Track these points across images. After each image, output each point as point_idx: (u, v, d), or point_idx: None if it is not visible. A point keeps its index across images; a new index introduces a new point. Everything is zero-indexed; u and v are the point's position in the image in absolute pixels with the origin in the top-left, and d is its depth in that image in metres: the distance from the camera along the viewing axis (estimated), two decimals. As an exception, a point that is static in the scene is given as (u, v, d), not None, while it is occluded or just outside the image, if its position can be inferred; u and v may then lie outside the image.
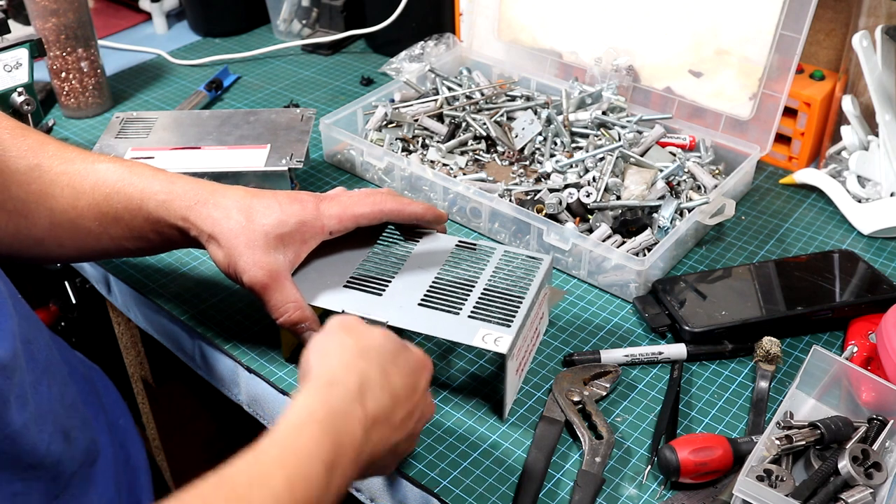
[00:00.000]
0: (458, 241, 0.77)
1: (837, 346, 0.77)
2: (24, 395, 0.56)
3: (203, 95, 1.18)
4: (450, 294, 0.71)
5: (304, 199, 0.69)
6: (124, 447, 0.73)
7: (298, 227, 0.68)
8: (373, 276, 0.73)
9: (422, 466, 0.67)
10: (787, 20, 0.92)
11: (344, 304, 0.70)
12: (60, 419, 0.61)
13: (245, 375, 0.77)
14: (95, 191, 0.70)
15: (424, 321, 0.68)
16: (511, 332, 0.67)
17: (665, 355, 0.75)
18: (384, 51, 1.31)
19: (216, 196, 0.68)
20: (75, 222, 0.71)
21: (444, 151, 0.99)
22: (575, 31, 1.08)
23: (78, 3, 1.09)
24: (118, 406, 0.77)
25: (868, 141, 0.95)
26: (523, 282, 0.72)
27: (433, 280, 0.73)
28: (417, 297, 0.71)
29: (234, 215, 0.67)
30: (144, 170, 0.71)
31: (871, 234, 0.91)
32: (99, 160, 0.72)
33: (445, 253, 0.76)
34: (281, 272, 0.67)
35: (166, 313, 0.83)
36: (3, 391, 0.53)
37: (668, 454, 0.64)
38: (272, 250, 0.67)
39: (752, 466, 0.61)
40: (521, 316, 0.68)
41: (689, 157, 0.96)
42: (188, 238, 0.70)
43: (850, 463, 0.61)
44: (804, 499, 0.60)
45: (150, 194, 0.69)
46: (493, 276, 0.73)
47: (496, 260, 0.75)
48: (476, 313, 0.69)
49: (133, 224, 0.70)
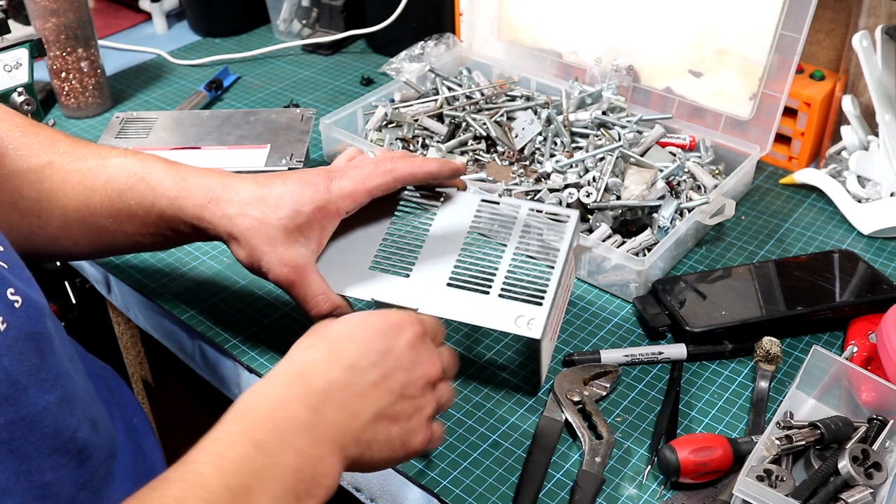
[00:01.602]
0: (480, 199, 0.74)
1: (837, 346, 0.77)
2: (50, 378, 0.54)
3: (203, 95, 1.18)
4: (478, 270, 0.69)
5: (315, 181, 0.68)
6: (140, 446, 0.73)
7: (315, 215, 0.67)
8: (397, 254, 0.71)
9: (422, 466, 0.67)
10: (787, 20, 0.92)
11: (373, 291, 0.69)
12: (89, 407, 0.60)
13: (245, 375, 0.77)
14: (108, 188, 0.69)
15: (455, 306, 0.67)
16: (543, 312, 0.66)
17: (665, 355, 0.75)
18: (384, 51, 1.31)
19: (228, 191, 0.67)
20: (89, 220, 0.70)
21: (444, 151, 0.99)
22: (575, 31, 1.08)
23: (78, 3, 1.09)
24: (132, 405, 0.77)
25: (868, 141, 0.95)
26: (552, 247, 0.70)
27: (459, 252, 0.71)
28: (445, 275, 0.69)
29: (249, 211, 0.66)
30: (156, 164, 0.70)
31: (871, 234, 0.91)
32: (111, 155, 0.71)
33: (469, 216, 0.73)
34: (306, 265, 0.67)
35: (166, 313, 0.83)
36: (20, 369, 0.52)
37: (668, 454, 0.64)
38: (293, 244, 0.66)
39: (752, 466, 0.61)
40: (552, 289, 0.67)
41: (689, 157, 0.96)
42: (206, 236, 0.69)
43: (850, 463, 0.61)
44: (804, 499, 0.60)
45: (162, 191, 0.68)
46: (521, 241, 0.71)
47: (521, 221, 0.72)
48: (506, 290, 0.67)
49: (148, 220, 0.69)
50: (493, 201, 0.74)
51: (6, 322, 0.50)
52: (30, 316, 0.52)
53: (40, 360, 0.53)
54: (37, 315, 0.53)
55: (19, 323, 0.52)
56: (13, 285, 0.52)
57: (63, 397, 0.56)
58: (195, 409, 1.28)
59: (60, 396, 0.55)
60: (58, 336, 0.57)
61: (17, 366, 0.51)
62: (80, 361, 0.65)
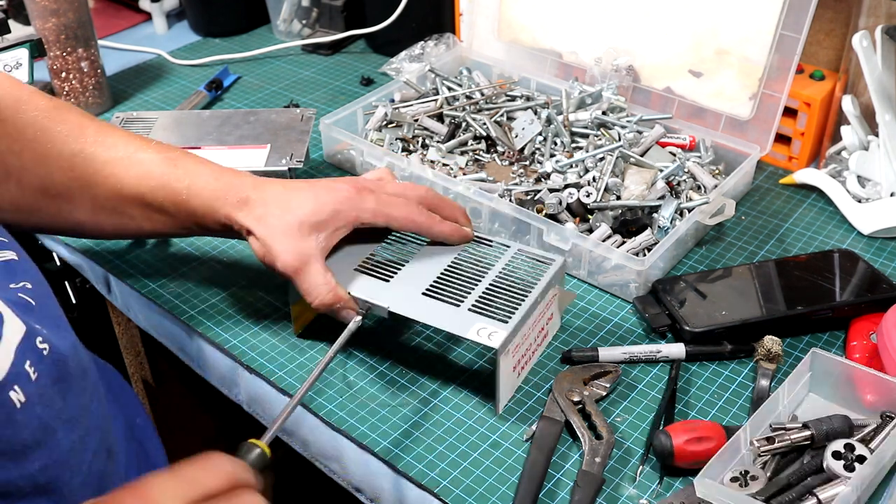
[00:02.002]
0: (474, 235, 0.78)
1: (838, 345, 0.77)
2: (73, 418, 0.55)
3: (203, 95, 1.18)
4: (455, 287, 0.72)
5: (340, 189, 0.71)
6: (143, 445, 0.74)
7: (333, 215, 0.70)
8: (384, 262, 0.74)
9: (422, 466, 0.67)
10: (787, 20, 0.92)
11: (350, 287, 0.71)
12: (105, 437, 0.61)
13: (245, 375, 0.77)
14: (140, 183, 0.72)
15: (424, 310, 0.69)
16: (507, 329, 0.67)
17: (664, 354, 0.75)
18: (384, 51, 1.31)
19: (257, 192, 0.71)
20: (118, 209, 0.73)
21: (444, 151, 0.99)
22: (575, 31, 1.08)
23: (78, 3, 1.09)
24: (134, 405, 0.78)
25: (868, 141, 0.95)
26: (530, 280, 0.73)
27: (442, 271, 0.74)
28: (423, 286, 0.72)
29: (273, 210, 0.70)
30: (189, 163, 0.73)
31: (871, 234, 0.91)
32: (141, 148, 0.73)
33: (460, 246, 0.77)
34: (312, 256, 0.69)
35: (166, 313, 0.83)
36: (49, 414, 0.53)
37: (663, 439, 0.64)
38: (305, 236, 0.69)
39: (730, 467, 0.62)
40: (520, 314, 0.69)
41: (689, 157, 0.96)
42: (232, 233, 0.72)
43: (830, 457, 0.61)
44: (768, 496, 0.60)
45: (197, 191, 0.71)
46: (502, 272, 0.74)
47: (507, 257, 0.76)
48: (476, 307, 0.69)
49: (178, 216, 0.72)
50: (486, 240, 0.77)
51: (37, 371, 0.52)
52: (55, 361, 0.54)
53: (63, 401, 0.55)
54: (61, 360, 0.54)
55: (48, 370, 0.53)
56: (40, 334, 0.53)
57: (83, 435, 0.57)
58: (195, 409, 1.28)
59: (81, 434, 0.57)
60: (77, 364, 0.57)
61: (47, 412, 0.53)
62: (101, 381, 0.65)
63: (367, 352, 0.77)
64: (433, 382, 0.74)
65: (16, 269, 0.56)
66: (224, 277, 0.86)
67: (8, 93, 0.72)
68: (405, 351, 0.78)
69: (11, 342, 0.50)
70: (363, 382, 0.74)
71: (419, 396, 0.73)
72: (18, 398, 0.50)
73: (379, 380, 0.74)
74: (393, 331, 0.80)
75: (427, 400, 0.72)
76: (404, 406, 0.72)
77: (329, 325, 0.80)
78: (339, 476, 0.72)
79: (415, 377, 0.75)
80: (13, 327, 0.51)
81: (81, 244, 0.91)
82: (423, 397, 0.73)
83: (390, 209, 0.72)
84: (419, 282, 0.72)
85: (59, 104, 0.74)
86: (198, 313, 0.82)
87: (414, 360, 0.76)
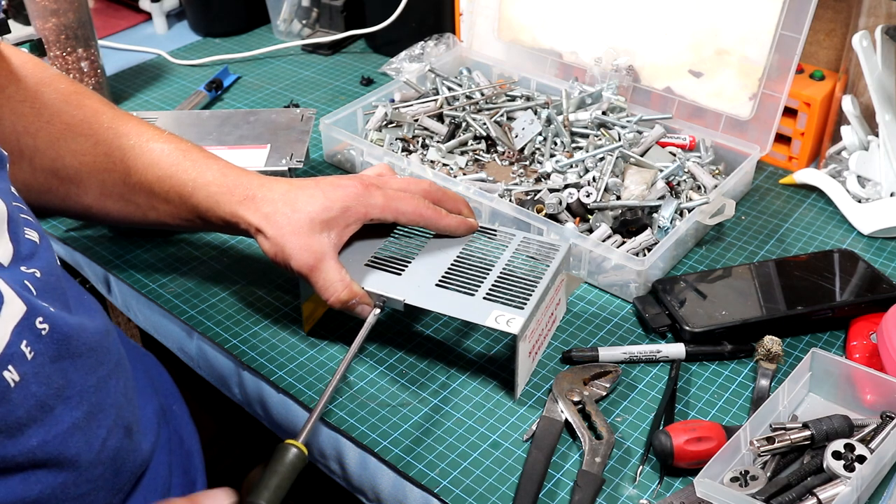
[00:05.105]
0: (478, 226, 0.78)
1: (838, 345, 0.77)
2: (75, 396, 0.56)
3: (203, 95, 1.18)
4: (467, 276, 0.73)
5: (347, 185, 0.71)
6: (178, 432, 0.75)
7: (343, 212, 0.70)
8: (393, 256, 0.75)
9: (422, 466, 0.67)
10: (787, 20, 0.92)
11: (364, 282, 0.72)
12: (123, 414, 0.62)
13: (246, 375, 0.77)
14: (148, 171, 0.72)
15: (440, 301, 0.70)
16: (524, 315, 0.68)
17: (664, 354, 0.75)
18: (384, 51, 1.31)
19: (264, 190, 0.71)
20: (125, 196, 0.74)
21: (444, 151, 0.99)
22: (575, 31, 1.08)
23: (78, 3, 1.09)
24: (171, 392, 0.79)
25: (868, 141, 0.95)
26: (540, 267, 0.74)
27: (452, 262, 0.74)
28: (435, 278, 0.72)
29: (280, 208, 0.70)
30: (198, 157, 0.73)
31: (871, 234, 0.91)
32: (153, 138, 0.74)
33: (466, 237, 0.77)
34: (326, 253, 0.69)
35: (166, 313, 0.83)
36: (46, 393, 0.53)
37: (663, 439, 0.64)
38: (317, 233, 0.69)
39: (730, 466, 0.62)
40: (535, 299, 0.70)
41: (689, 157, 0.96)
42: (237, 230, 0.72)
43: (830, 457, 0.61)
44: (768, 496, 0.60)
45: (203, 185, 0.71)
46: (511, 260, 0.75)
47: (514, 245, 0.77)
48: (491, 295, 0.70)
49: (182, 207, 0.73)
50: (490, 230, 0.78)
51: (33, 350, 0.52)
52: (56, 340, 0.54)
53: (65, 380, 0.55)
54: (63, 339, 0.55)
55: (45, 350, 0.53)
56: (43, 313, 0.53)
57: (90, 411, 0.57)
58: (195, 410, 1.28)
59: (87, 411, 0.57)
60: (85, 343, 0.58)
61: (44, 390, 0.53)
62: (129, 361, 0.66)
63: (366, 353, 0.77)
64: (433, 382, 0.74)
65: (34, 251, 0.56)
66: (224, 277, 0.86)
67: (32, 72, 0.73)
68: (405, 352, 0.78)
69: (8, 324, 0.50)
70: (363, 383, 0.74)
71: (419, 397, 0.73)
72: (12, 377, 0.50)
73: (379, 380, 0.74)
74: (392, 331, 0.80)
75: (427, 400, 0.72)
76: (404, 406, 0.72)
77: (329, 324, 0.80)
78: (339, 476, 0.72)
79: (415, 378, 0.75)
80: (12, 308, 0.51)
81: (81, 244, 0.91)
82: (424, 397, 0.73)
83: (399, 204, 0.72)
84: (431, 274, 0.73)
85: (80, 89, 0.75)
86: (198, 313, 0.82)
87: (414, 362, 0.76)
